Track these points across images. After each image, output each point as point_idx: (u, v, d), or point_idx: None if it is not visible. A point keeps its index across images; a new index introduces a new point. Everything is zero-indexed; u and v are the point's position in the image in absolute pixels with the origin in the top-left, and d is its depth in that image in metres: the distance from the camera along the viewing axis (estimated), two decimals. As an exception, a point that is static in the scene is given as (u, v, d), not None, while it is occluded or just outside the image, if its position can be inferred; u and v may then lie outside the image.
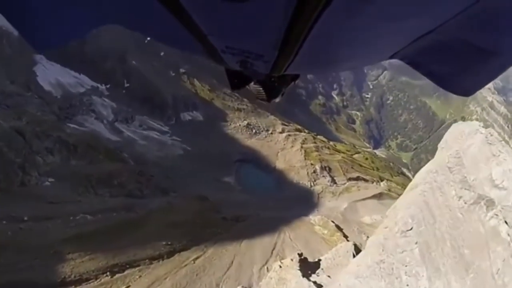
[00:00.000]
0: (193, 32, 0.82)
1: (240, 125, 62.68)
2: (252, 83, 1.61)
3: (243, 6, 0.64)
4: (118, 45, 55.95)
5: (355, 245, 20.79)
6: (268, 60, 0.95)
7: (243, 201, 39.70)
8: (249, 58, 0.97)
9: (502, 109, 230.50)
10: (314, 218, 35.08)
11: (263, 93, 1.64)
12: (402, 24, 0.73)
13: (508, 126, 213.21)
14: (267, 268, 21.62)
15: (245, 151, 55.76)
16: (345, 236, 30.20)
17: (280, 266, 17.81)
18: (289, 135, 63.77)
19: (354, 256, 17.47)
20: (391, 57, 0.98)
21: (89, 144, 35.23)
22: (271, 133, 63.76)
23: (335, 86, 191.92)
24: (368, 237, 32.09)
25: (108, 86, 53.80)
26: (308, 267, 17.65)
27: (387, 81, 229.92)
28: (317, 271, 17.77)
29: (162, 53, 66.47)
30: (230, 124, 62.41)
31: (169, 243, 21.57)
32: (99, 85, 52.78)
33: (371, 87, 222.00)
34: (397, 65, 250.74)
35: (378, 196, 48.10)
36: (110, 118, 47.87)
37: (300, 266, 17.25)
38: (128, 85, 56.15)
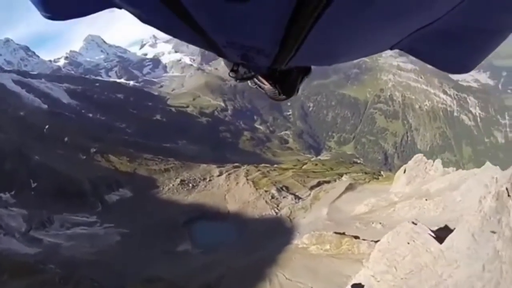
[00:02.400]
0: (193, 28, 0.84)
1: (173, 185, 59.00)
2: (263, 82, 1.61)
3: (244, 5, 0.68)
4: (13, 140, 49.93)
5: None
6: (269, 54, 0.97)
7: (209, 264, 35.05)
8: (250, 52, 0.99)
9: (409, 66, 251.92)
10: (301, 240, 31.69)
11: (276, 91, 1.63)
12: (402, 20, 0.76)
13: (420, 77, 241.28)
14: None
15: (189, 209, 51.61)
16: (356, 237, 27.68)
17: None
18: (229, 174, 61.25)
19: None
20: (391, 48, 1.01)
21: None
22: (210, 180, 60.50)
23: (255, 117, 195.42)
24: (380, 223, 30.64)
25: (12, 192, 48.75)
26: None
27: (301, 92, 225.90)
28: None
29: (66, 138, 60.65)
30: (163, 188, 58.53)
31: None
32: (1, 194, 47.65)
33: (289, 103, 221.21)
34: None
35: (350, 187, 47.71)
36: (22, 228, 42.15)
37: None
38: (35, 184, 51.12)
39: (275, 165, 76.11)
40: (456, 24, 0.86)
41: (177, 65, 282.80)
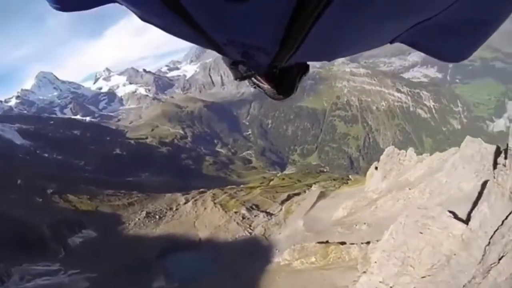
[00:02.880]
0: (193, 27, 0.85)
1: (139, 219, 56.51)
2: (262, 81, 1.60)
3: (244, 4, 0.69)
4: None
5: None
6: (270, 52, 0.98)
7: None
8: (251, 50, 1.00)
9: (362, 70, 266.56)
10: (282, 257, 31.31)
11: (275, 89, 1.62)
12: (401, 16, 0.79)
13: (374, 80, 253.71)
14: None
15: (159, 242, 49.17)
16: (342, 243, 27.35)
17: None
18: (195, 200, 59.99)
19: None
20: (391, 42, 1.03)
21: None
22: (176, 209, 58.67)
23: (215, 141, 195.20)
24: (365, 223, 29.83)
25: (-42, 248, 44.08)
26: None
27: (258, 110, 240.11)
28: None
29: (18, 181, 57.24)
30: (129, 224, 55.88)
31: None
32: (-51, 249, 42.89)
33: (247, 123, 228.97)
34: (258, 91, 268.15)
35: (322, 195, 47.26)
36: (-25, 287, 37.93)
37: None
38: (-13, 236, 46.60)
39: (242, 186, 75.19)
40: (454, 16, 0.87)
41: (133, 97, 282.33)
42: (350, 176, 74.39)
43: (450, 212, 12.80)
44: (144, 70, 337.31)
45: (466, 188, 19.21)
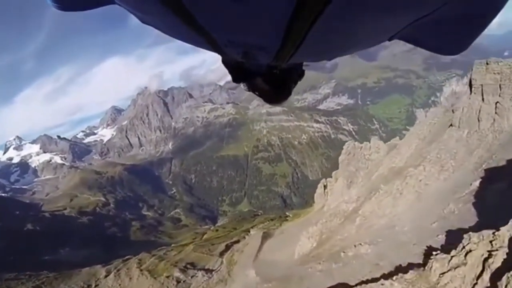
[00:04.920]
0: (194, 28, 0.85)
1: None
2: (259, 82, 1.61)
3: (245, 3, 0.70)
4: None
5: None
6: (271, 52, 0.99)
7: None
8: (252, 50, 1.02)
9: (278, 109, 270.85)
10: None
11: (272, 93, 1.64)
12: (400, 13, 0.80)
13: (291, 115, 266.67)
14: None
15: None
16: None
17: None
18: (118, 271, 55.31)
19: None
20: (390, 39, 1.04)
21: None
22: (96, 285, 54.35)
23: (140, 204, 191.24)
24: (361, 243, 25.46)
25: None
26: None
27: (179, 167, 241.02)
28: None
29: None
30: None
31: None
32: None
33: (171, 182, 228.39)
34: (179, 145, 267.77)
35: (267, 236, 44.63)
36: None
37: None
38: None
39: (173, 245, 69.94)
40: (451, 11, 0.87)
41: (48, 167, 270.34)
42: (287, 213, 72.51)
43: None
44: (59, 137, 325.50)
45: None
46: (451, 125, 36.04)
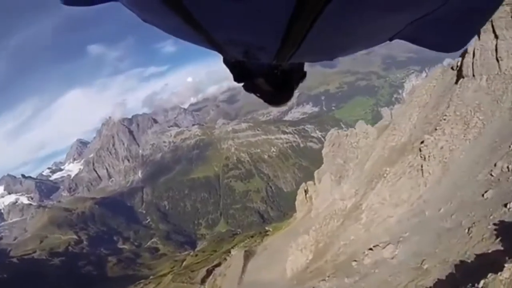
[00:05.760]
0: (194, 27, 0.86)
1: None
2: (260, 82, 1.60)
3: (245, 3, 0.70)
4: None
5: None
6: (271, 51, 0.99)
7: None
8: (252, 49, 1.02)
9: (243, 125, 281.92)
10: None
11: (274, 94, 1.64)
12: (401, 12, 0.80)
13: (257, 130, 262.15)
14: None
15: None
16: None
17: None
18: None
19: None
20: (391, 39, 1.05)
21: None
22: None
23: (115, 238, 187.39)
24: (379, 244, 21.62)
25: None
26: None
27: (151, 195, 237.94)
28: None
29: None
30: None
31: None
32: None
33: (144, 212, 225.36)
34: (148, 173, 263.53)
35: (249, 254, 41.76)
36: None
37: None
38: None
39: (151, 277, 68.34)
40: (451, 8, 0.87)
41: (14, 209, 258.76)
42: (267, 228, 71.03)
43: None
44: (24, 176, 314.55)
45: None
46: (461, 77, 31.45)
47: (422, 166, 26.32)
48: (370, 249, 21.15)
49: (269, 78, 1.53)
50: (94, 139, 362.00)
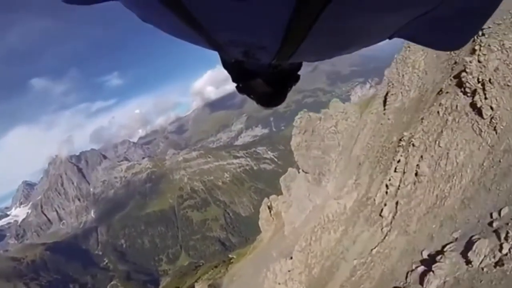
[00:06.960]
0: (194, 27, 0.86)
1: None
2: (258, 83, 1.63)
3: (245, 3, 0.70)
4: None
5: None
6: (271, 51, 1.01)
7: None
8: (252, 49, 1.03)
9: (194, 153, 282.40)
10: None
11: (269, 96, 1.68)
12: (400, 11, 0.81)
13: (208, 157, 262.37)
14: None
15: None
16: None
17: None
18: None
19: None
20: (390, 37, 1.06)
21: None
22: None
23: (71, 286, 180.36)
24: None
25: None
26: None
27: (106, 234, 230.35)
28: None
29: None
30: None
31: None
32: None
33: (100, 253, 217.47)
34: (102, 211, 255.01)
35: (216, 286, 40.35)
36: None
37: None
38: None
39: None
40: (450, 7, 0.88)
41: None
42: (230, 255, 69.43)
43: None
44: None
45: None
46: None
47: (456, 128, 19.12)
48: (424, 260, 14.24)
49: (267, 78, 1.55)
50: (41, 180, 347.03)
